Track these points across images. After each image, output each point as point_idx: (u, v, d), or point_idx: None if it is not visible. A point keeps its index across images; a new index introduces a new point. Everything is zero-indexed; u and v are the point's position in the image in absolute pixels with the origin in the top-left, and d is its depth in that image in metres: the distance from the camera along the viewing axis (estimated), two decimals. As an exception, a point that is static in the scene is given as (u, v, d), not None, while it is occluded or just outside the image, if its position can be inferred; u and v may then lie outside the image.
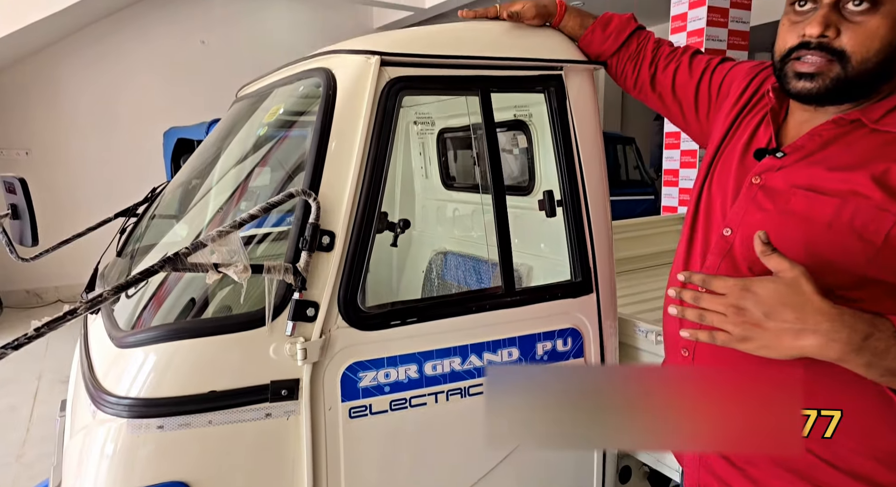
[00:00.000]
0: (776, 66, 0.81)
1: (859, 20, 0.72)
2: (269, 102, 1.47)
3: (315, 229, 1.04)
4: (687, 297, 0.70)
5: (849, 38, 0.73)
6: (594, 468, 1.31)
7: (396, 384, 1.10)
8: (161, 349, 1.01)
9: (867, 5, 0.71)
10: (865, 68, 0.73)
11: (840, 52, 0.73)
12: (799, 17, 0.77)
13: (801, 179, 0.77)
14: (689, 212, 0.95)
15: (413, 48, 1.15)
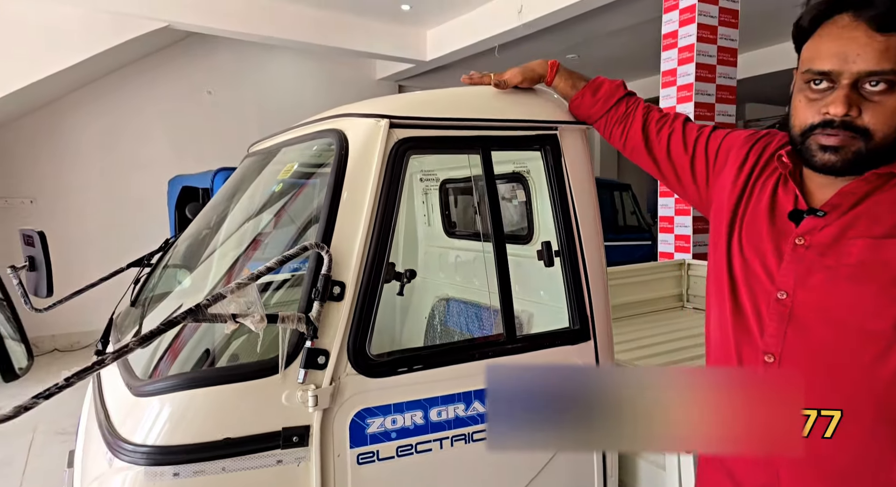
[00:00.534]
0: (797, 139, 0.84)
1: (878, 100, 0.77)
2: (283, 159, 1.58)
3: (327, 280, 1.11)
4: None
5: (870, 116, 0.77)
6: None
7: (403, 430, 1.14)
8: (178, 397, 1.06)
9: (885, 86, 0.76)
10: (887, 143, 0.78)
11: (864, 130, 0.78)
12: (816, 94, 0.81)
13: (854, 231, 0.81)
14: (722, 276, 0.95)
15: (419, 112, 1.25)
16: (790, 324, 0.85)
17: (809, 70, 0.81)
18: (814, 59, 0.81)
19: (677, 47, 3.73)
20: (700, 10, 3.61)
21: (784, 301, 0.85)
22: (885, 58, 0.75)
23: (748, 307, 0.90)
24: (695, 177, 1.10)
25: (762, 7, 5.28)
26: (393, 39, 6.41)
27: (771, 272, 0.88)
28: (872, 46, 0.75)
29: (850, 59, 0.77)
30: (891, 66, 0.75)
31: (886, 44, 0.75)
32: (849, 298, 0.81)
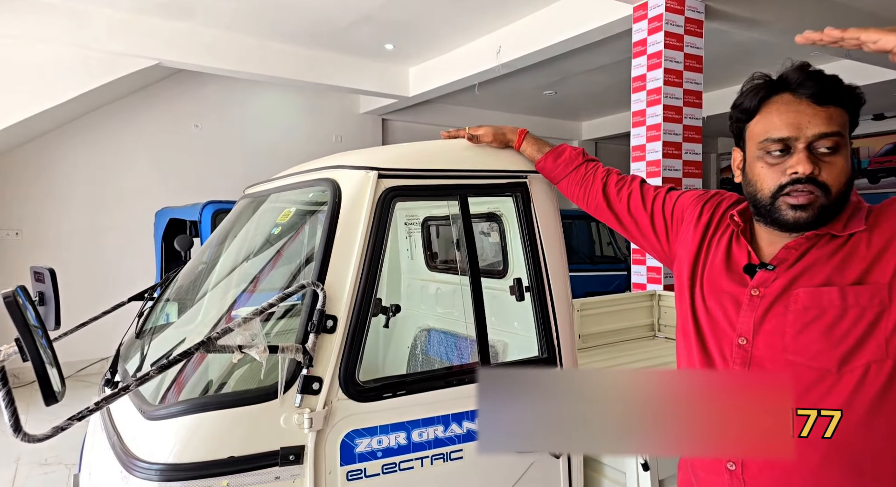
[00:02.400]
0: (765, 201, 0.96)
1: (829, 160, 0.92)
2: (279, 204, 1.75)
3: (321, 314, 1.28)
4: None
5: (827, 174, 0.92)
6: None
7: (388, 449, 1.29)
8: (188, 420, 1.20)
9: (833, 148, 0.92)
10: (839, 197, 0.93)
11: (824, 185, 0.91)
12: (776, 160, 0.94)
13: (798, 282, 0.95)
14: (688, 325, 1.08)
15: (404, 164, 1.45)
16: (751, 366, 0.98)
17: (768, 139, 0.95)
18: (770, 131, 0.95)
19: (646, 90, 4.04)
20: (666, 56, 3.94)
21: (745, 347, 0.98)
22: (829, 123, 0.92)
23: (714, 351, 1.03)
24: (656, 233, 1.25)
25: (730, 49, 5.71)
26: (377, 76, 6.71)
27: (731, 320, 1.01)
28: (819, 115, 0.92)
29: (804, 126, 0.92)
30: (836, 128, 0.92)
31: (827, 113, 0.92)
32: (797, 341, 0.94)
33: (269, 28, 5.45)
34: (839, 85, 0.94)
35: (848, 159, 0.95)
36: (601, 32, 4.72)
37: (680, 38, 3.99)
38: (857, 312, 0.91)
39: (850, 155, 0.96)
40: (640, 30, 4.10)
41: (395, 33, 5.68)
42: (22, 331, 1.04)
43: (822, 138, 0.92)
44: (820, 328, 0.93)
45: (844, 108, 0.94)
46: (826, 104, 0.92)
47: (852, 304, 0.91)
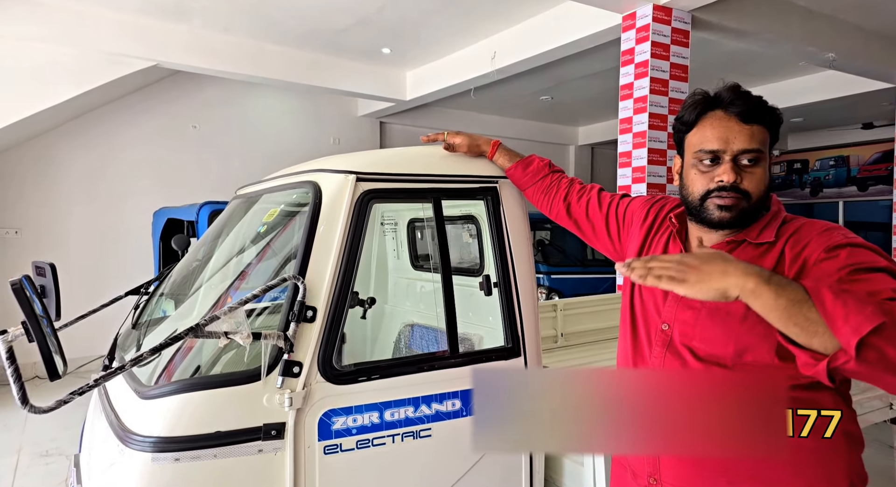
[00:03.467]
0: (695, 203, 1.11)
1: (750, 171, 1.07)
2: (266, 204, 1.89)
3: (302, 305, 1.42)
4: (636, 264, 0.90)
5: (748, 182, 1.06)
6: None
7: (362, 427, 1.43)
8: (179, 398, 1.34)
9: (754, 161, 1.06)
10: (757, 202, 1.07)
11: (745, 192, 1.06)
12: (707, 168, 1.09)
13: None
14: (626, 312, 1.25)
15: (381, 168, 1.59)
16: (668, 348, 1.14)
17: (701, 150, 1.09)
18: (703, 142, 1.09)
19: (632, 98, 4.19)
20: (653, 65, 4.09)
21: (666, 331, 1.14)
22: (752, 140, 1.07)
23: (642, 334, 1.20)
24: (610, 235, 1.43)
25: (720, 58, 5.86)
26: (374, 79, 6.87)
27: (659, 309, 1.17)
28: (744, 132, 1.06)
29: (731, 141, 1.07)
30: (757, 145, 1.07)
31: (751, 130, 1.07)
32: (706, 332, 1.10)
33: (266, 30, 5.58)
34: (763, 106, 1.09)
35: (766, 170, 1.09)
36: (592, 40, 4.87)
37: (666, 47, 4.13)
38: (755, 317, 0.97)
39: (768, 167, 1.10)
40: (628, 39, 4.25)
41: (391, 37, 5.84)
42: (28, 314, 1.18)
43: (745, 153, 1.06)
44: (723, 325, 1.06)
45: (766, 126, 1.09)
46: (750, 123, 1.07)
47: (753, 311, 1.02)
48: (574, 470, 1.63)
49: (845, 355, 0.78)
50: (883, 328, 0.75)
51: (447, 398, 1.51)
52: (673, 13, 4.12)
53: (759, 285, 0.83)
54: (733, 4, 4.26)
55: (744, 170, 1.07)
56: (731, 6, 4.27)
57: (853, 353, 0.76)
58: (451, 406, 1.51)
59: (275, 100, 7.52)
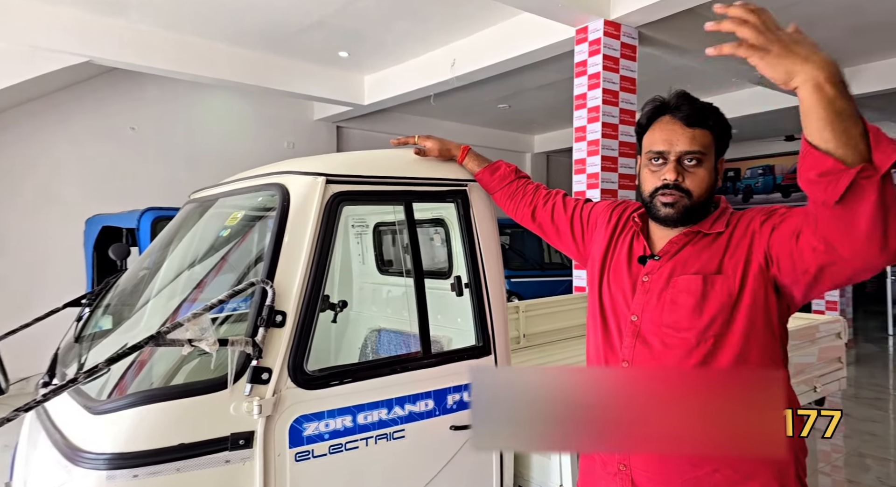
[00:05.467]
0: (647, 199, 1.20)
1: (692, 171, 1.15)
2: (226, 209, 1.80)
3: (271, 310, 1.35)
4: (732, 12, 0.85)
5: (690, 182, 1.15)
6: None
7: (334, 432, 1.38)
8: (135, 412, 1.25)
9: (696, 161, 1.15)
10: (700, 200, 1.16)
11: (687, 191, 1.15)
12: (655, 168, 1.18)
13: (677, 270, 1.16)
14: (595, 307, 1.29)
15: (352, 170, 1.55)
16: (637, 338, 1.18)
17: (650, 151, 1.18)
18: (652, 144, 1.18)
19: (586, 108, 4.31)
20: (604, 77, 4.22)
21: (635, 322, 1.19)
22: (693, 142, 1.15)
23: (612, 327, 1.24)
24: (574, 237, 1.48)
25: (667, 74, 6.12)
26: (331, 83, 6.74)
27: (627, 302, 1.22)
28: (686, 135, 1.15)
29: (675, 143, 1.15)
30: (698, 148, 1.15)
31: (693, 134, 1.15)
32: (671, 316, 1.15)
33: (212, 28, 5.32)
34: (707, 112, 1.16)
35: (710, 171, 1.17)
36: (548, 51, 4.98)
37: (616, 61, 4.28)
38: (713, 295, 1.12)
39: (713, 168, 1.18)
40: (581, 51, 4.37)
41: (348, 41, 5.76)
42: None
43: (687, 154, 1.15)
44: (688, 307, 1.13)
45: (710, 130, 1.16)
46: (694, 127, 1.15)
47: (710, 290, 1.12)
48: (542, 464, 1.64)
49: (873, 169, 0.85)
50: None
51: (420, 398, 1.48)
52: (622, 29, 4.27)
53: (827, 82, 0.84)
54: (675, 23, 4.46)
55: (687, 170, 1.16)
56: (673, 25, 4.47)
57: (882, 170, 0.84)
58: (425, 407, 1.48)
59: (225, 101, 7.22)
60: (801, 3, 4.65)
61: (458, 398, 1.53)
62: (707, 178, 1.16)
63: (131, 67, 5.34)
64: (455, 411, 1.52)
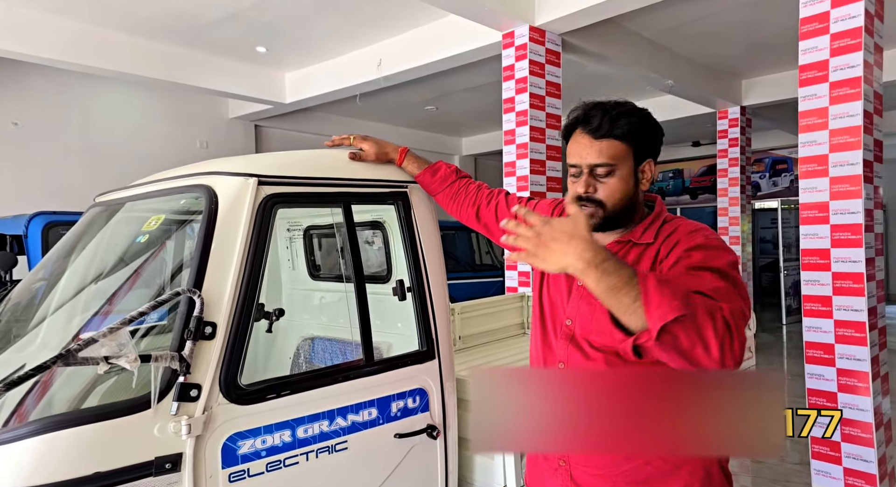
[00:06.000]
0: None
1: (604, 182, 1.18)
2: (140, 214, 1.67)
3: (199, 321, 1.27)
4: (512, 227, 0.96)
5: (601, 192, 1.18)
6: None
7: (272, 448, 1.32)
8: (40, 440, 1.12)
9: (607, 172, 1.17)
10: (616, 209, 1.19)
11: (599, 202, 1.18)
12: (574, 179, 1.22)
13: None
14: (537, 309, 1.33)
15: (286, 171, 1.49)
16: (571, 341, 1.23)
17: (569, 164, 1.23)
18: (569, 157, 1.22)
19: (514, 111, 4.45)
20: (531, 81, 4.38)
21: (570, 326, 1.24)
22: (601, 155, 1.18)
23: (550, 329, 1.29)
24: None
25: (584, 80, 6.46)
26: (248, 79, 6.46)
27: (563, 306, 1.26)
28: (594, 148, 1.18)
29: (584, 157, 1.19)
30: (605, 160, 1.18)
31: (601, 146, 1.18)
32: (599, 324, 1.19)
33: (108, 16, 4.93)
34: (616, 121, 1.18)
35: (625, 179, 1.19)
36: (476, 54, 5.09)
37: (542, 66, 4.46)
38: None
39: (630, 175, 1.20)
40: (508, 56, 4.51)
41: (267, 35, 5.54)
42: None
43: (596, 166, 1.18)
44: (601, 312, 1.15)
45: (621, 139, 1.18)
46: (602, 138, 1.18)
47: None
48: (485, 465, 1.67)
49: (647, 335, 0.90)
50: (683, 319, 0.88)
51: (363, 407, 1.45)
52: (546, 35, 4.46)
53: (588, 268, 0.92)
54: (596, 31, 4.73)
55: (599, 181, 1.19)
56: (594, 33, 4.74)
57: (654, 335, 0.88)
58: (368, 416, 1.46)
59: (126, 96, 6.69)
60: (706, 19, 5.10)
61: (402, 405, 1.52)
62: (621, 187, 1.19)
63: (11, 56, 4.80)
64: (399, 418, 1.51)
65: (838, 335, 2.92)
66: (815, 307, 2.98)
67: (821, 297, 2.95)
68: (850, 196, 2.77)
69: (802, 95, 2.88)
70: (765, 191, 10.44)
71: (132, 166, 6.51)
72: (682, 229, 1.19)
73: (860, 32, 2.67)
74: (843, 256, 2.84)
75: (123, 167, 6.47)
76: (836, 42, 2.75)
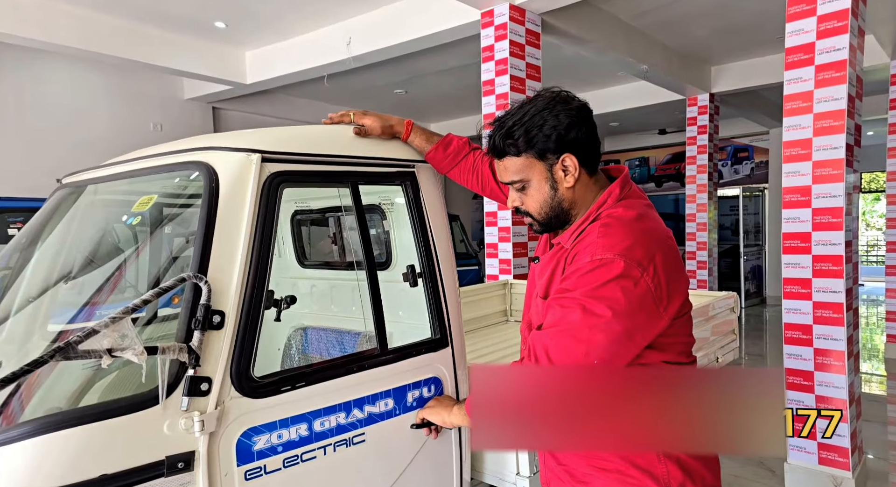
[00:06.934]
0: None
1: (526, 193, 1.25)
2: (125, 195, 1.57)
3: (207, 309, 1.21)
4: None
5: (527, 204, 1.27)
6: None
7: (289, 443, 1.27)
8: (38, 442, 1.04)
9: (521, 187, 1.24)
10: (543, 216, 1.26)
11: (526, 212, 1.27)
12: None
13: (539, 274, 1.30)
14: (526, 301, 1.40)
15: (290, 147, 1.42)
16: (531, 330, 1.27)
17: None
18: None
19: (495, 94, 4.43)
20: (511, 63, 4.37)
21: (529, 315, 1.34)
22: (506, 173, 1.25)
23: (525, 314, 1.39)
24: None
25: (559, 63, 6.50)
26: (205, 57, 6.18)
27: (531, 294, 1.35)
28: (500, 167, 1.26)
29: (501, 176, 1.27)
30: (511, 177, 1.24)
31: (505, 165, 1.25)
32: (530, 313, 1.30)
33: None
34: (506, 140, 1.23)
35: (538, 188, 1.24)
36: (452, 34, 5.03)
37: (522, 47, 4.45)
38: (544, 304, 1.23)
39: (542, 182, 1.23)
40: (487, 36, 4.48)
41: (226, 10, 5.31)
42: None
43: (510, 184, 1.26)
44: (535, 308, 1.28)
45: (518, 155, 1.22)
46: (502, 157, 1.25)
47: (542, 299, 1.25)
48: (497, 455, 1.67)
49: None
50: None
51: (380, 398, 1.42)
52: (526, 15, 4.46)
53: (446, 419, 1.45)
54: (575, 13, 4.76)
55: (521, 194, 1.26)
56: (574, 14, 4.76)
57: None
58: (385, 407, 1.43)
59: (70, 73, 6.29)
60: (677, 3, 5.22)
61: (417, 394, 1.50)
62: (538, 196, 1.24)
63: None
64: (415, 408, 1.49)
65: (816, 317, 3.08)
66: (794, 290, 3.12)
67: (801, 280, 3.10)
68: (833, 180, 2.91)
69: (788, 79, 2.99)
70: (727, 179, 10.87)
71: (77, 151, 6.15)
72: (586, 241, 1.17)
73: (847, 14, 2.78)
74: (824, 239, 2.99)
75: (67, 150, 6.10)
76: (822, 24, 2.85)
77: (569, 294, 1.12)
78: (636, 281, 1.07)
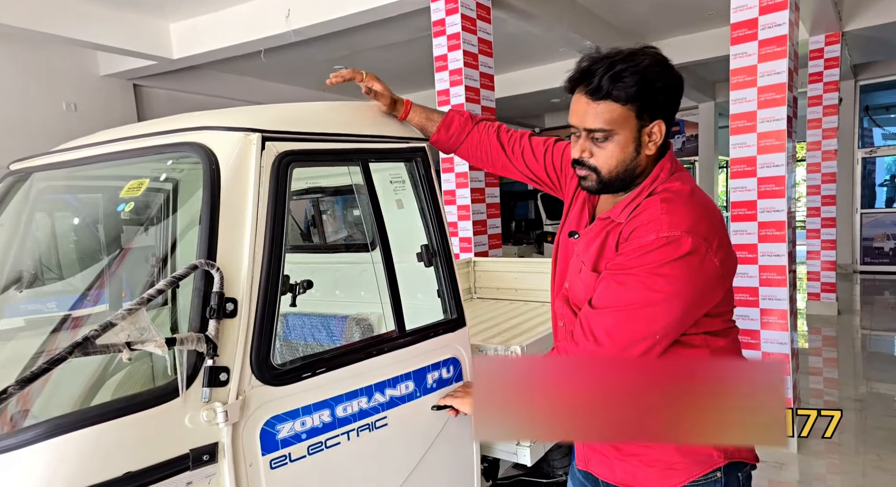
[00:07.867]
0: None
1: (601, 146, 1.15)
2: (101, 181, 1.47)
3: (220, 297, 1.17)
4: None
5: (597, 158, 1.16)
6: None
7: (312, 430, 1.27)
8: (55, 443, 0.99)
9: (604, 137, 1.14)
10: (612, 176, 1.16)
11: (594, 167, 1.17)
12: (575, 139, 1.19)
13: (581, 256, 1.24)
14: (554, 257, 1.38)
15: (293, 125, 1.37)
16: (566, 303, 1.30)
17: (569, 124, 1.19)
18: (570, 115, 1.18)
19: (448, 70, 4.43)
20: (464, 38, 4.37)
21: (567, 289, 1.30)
22: (596, 119, 1.13)
23: (555, 285, 1.37)
24: (551, 181, 1.51)
25: (503, 39, 6.56)
26: (124, 29, 5.72)
27: (564, 273, 1.33)
28: (590, 110, 1.13)
29: (581, 119, 1.15)
30: (600, 125, 1.13)
31: (597, 109, 1.12)
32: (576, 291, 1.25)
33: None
34: (614, 83, 1.10)
35: (622, 145, 1.14)
36: (398, 8, 4.95)
37: (473, 21, 4.46)
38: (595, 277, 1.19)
39: (631, 139, 1.14)
40: (437, 9, 4.44)
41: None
42: None
43: (592, 131, 1.15)
44: (581, 284, 1.24)
45: (622, 103, 1.11)
46: (600, 100, 1.11)
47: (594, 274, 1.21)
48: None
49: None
50: None
51: (400, 381, 1.44)
52: (477, -12, 4.46)
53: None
54: (524, -13, 4.82)
55: (596, 145, 1.16)
56: (523, -11, 4.82)
57: None
58: (405, 389, 1.45)
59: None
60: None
61: (437, 375, 1.53)
62: (618, 154, 1.15)
63: None
64: (435, 390, 1.52)
65: (762, 279, 3.38)
66: (742, 255, 3.40)
67: (748, 245, 3.38)
68: (776, 150, 3.17)
69: (734, 54, 3.20)
70: (660, 153, 11.44)
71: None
72: (646, 216, 1.13)
73: (787, -12, 3.01)
74: (768, 206, 3.27)
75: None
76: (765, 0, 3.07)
77: (630, 271, 1.09)
78: (703, 258, 1.07)
